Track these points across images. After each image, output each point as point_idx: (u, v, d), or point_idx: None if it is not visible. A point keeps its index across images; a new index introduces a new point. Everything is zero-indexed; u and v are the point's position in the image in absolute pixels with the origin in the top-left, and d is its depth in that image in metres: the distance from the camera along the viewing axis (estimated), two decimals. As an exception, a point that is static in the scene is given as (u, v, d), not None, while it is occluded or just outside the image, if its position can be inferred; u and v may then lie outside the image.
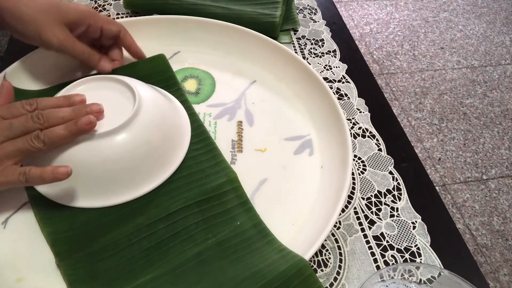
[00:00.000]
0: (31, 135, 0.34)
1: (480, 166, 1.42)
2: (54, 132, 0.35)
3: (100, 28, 0.46)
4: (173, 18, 0.56)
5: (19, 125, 0.35)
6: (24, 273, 0.34)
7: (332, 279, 0.37)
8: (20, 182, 0.34)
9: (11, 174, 0.34)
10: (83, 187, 0.38)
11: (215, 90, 0.52)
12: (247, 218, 0.38)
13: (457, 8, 2.12)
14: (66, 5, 0.43)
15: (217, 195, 0.39)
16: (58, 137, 0.35)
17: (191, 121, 0.46)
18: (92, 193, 0.38)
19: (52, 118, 0.35)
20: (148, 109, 0.40)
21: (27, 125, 0.35)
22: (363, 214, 0.42)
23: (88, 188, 0.38)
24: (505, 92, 1.69)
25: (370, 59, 1.79)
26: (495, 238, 1.23)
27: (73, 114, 0.36)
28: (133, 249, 0.35)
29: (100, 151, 0.37)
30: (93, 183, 0.38)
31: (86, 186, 0.38)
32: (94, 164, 0.37)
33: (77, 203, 0.38)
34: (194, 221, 0.38)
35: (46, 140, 0.34)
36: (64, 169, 0.34)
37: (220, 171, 0.41)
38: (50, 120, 0.35)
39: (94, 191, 0.38)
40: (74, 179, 0.35)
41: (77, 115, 0.36)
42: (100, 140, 0.37)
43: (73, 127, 0.35)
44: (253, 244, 0.37)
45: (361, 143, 0.49)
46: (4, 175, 0.34)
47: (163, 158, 0.41)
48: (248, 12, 0.59)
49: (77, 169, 0.36)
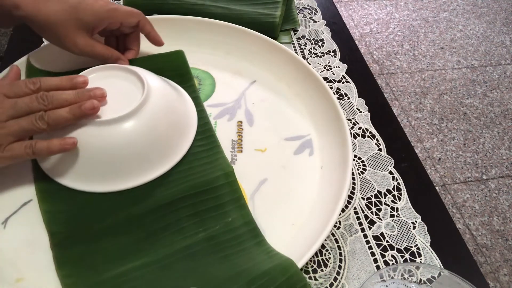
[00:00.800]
0: (36, 116, 0.35)
1: (480, 166, 1.42)
2: (58, 114, 0.36)
3: (120, 22, 0.46)
4: (173, 18, 0.56)
5: (24, 105, 0.35)
6: (24, 273, 0.34)
7: (332, 279, 0.37)
8: (27, 155, 0.35)
9: (18, 148, 0.35)
10: (85, 170, 0.38)
11: (215, 90, 0.52)
12: (239, 215, 0.38)
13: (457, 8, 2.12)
14: (84, 7, 0.42)
15: (211, 189, 0.40)
16: (62, 119, 0.36)
17: (199, 118, 0.46)
18: (93, 177, 0.39)
19: (56, 100, 0.36)
20: (156, 100, 0.40)
21: (31, 105, 0.36)
22: (363, 214, 0.42)
23: (90, 172, 0.39)
24: (505, 92, 1.69)
25: (370, 59, 1.79)
26: (495, 238, 1.23)
27: (76, 97, 0.37)
28: (124, 237, 0.36)
29: (105, 137, 0.38)
30: (95, 168, 0.38)
31: (88, 170, 0.38)
32: (98, 149, 0.38)
33: (76, 185, 0.39)
34: (186, 214, 0.38)
35: (50, 121, 0.35)
36: (71, 140, 0.36)
37: (217, 165, 0.42)
38: (55, 102, 0.36)
39: (95, 175, 0.39)
40: (77, 161, 0.37)
41: (81, 98, 0.37)
42: (106, 127, 0.37)
43: (77, 111, 0.36)
44: (242, 244, 0.37)
45: (361, 143, 0.49)
46: (10, 149, 0.35)
47: (166, 151, 0.41)
48: (248, 12, 0.59)
49: (82, 153, 0.37)
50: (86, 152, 0.38)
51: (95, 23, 0.44)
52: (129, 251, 0.35)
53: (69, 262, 0.34)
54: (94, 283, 0.33)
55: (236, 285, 0.33)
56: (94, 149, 0.38)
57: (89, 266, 0.34)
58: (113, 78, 0.42)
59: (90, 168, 0.38)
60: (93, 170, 0.39)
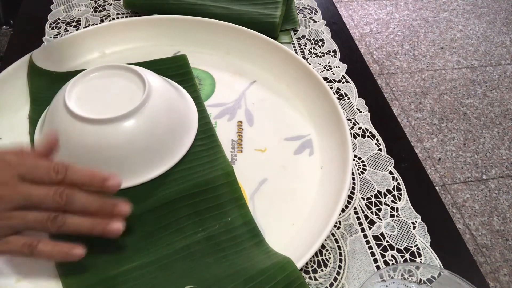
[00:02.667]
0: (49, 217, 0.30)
1: (480, 166, 1.42)
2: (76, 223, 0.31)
3: None
4: (173, 18, 0.56)
5: (37, 198, 0.30)
6: (24, 273, 0.34)
7: (332, 279, 0.37)
8: (23, 254, 0.31)
9: (14, 244, 0.30)
10: None
11: (215, 90, 0.52)
12: (238, 214, 0.38)
13: (457, 8, 2.12)
14: None
15: (211, 188, 0.39)
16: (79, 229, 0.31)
17: (200, 118, 0.46)
18: None
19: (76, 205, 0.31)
20: (156, 99, 0.41)
21: (45, 200, 0.31)
22: (363, 214, 0.42)
23: None
24: (505, 92, 1.69)
25: (370, 59, 1.79)
26: (495, 238, 1.23)
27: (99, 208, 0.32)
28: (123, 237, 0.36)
29: (105, 136, 0.38)
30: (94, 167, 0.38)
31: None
32: (98, 148, 0.38)
33: None
34: (186, 213, 0.38)
35: (64, 228, 0.31)
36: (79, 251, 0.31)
37: (218, 164, 0.42)
38: (74, 206, 0.31)
39: None
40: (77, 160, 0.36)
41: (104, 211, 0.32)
42: (106, 125, 0.37)
43: (99, 228, 0.32)
44: (242, 244, 0.37)
45: (361, 143, 0.49)
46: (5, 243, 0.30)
47: (166, 150, 0.41)
48: (248, 12, 0.59)
49: (82, 151, 0.37)
50: (86, 150, 0.38)
51: None
52: (129, 251, 0.35)
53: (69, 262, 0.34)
54: (94, 283, 0.33)
55: (234, 283, 0.33)
56: (94, 147, 0.38)
57: (89, 266, 0.34)
58: (114, 77, 0.42)
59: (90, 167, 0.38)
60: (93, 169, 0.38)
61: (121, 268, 0.34)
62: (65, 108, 0.39)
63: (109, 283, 0.33)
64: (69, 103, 0.39)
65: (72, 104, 0.39)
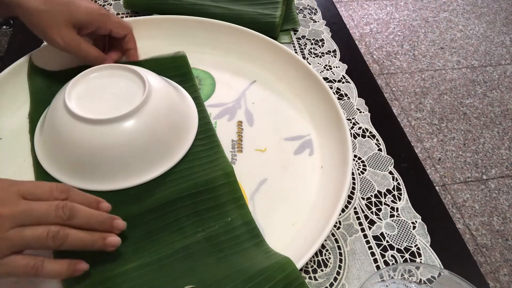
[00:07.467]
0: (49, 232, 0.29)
1: (480, 166, 1.42)
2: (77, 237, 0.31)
3: (109, 30, 0.46)
4: (173, 18, 0.56)
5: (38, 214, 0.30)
6: (24, 273, 0.34)
7: (332, 279, 0.37)
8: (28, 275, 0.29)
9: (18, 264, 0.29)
10: (84, 169, 0.39)
11: (215, 90, 0.52)
12: (238, 215, 0.38)
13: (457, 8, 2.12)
14: (77, 4, 0.42)
15: (211, 188, 0.39)
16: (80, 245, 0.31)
17: (200, 118, 0.46)
18: (92, 176, 0.39)
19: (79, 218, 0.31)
20: (157, 99, 0.41)
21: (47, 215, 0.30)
22: (363, 214, 0.42)
23: (89, 171, 0.39)
24: (505, 92, 1.69)
25: (370, 59, 1.79)
26: (495, 238, 1.23)
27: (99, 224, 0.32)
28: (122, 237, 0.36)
29: (105, 136, 0.38)
30: (95, 167, 0.38)
31: (88, 168, 0.39)
32: (98, 148, 0.38)
33: (76, 184, 0.39)
34: (185, 214, 0.38)
35: (65, 245, 0.30)
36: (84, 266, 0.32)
37: (217, 165, 0.42)
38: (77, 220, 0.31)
39: (95, 174, 0.39)
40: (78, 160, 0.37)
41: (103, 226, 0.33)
42: (106, 125, 0.38)
43: (100, 243, 0.32)
44: (241, 244, 0.37)
45: (361, 143, 0.49)
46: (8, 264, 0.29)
47: (166, 150, 0.41)
48: (248, 12, 0.59)
49: (82, 151, 0.37)
50: (86, 150, 0.38)
51: (85, 22, 0.43)
52: (129, 251, 0.35)
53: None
54: (94, 283, 0.33)
55: (234, 283, 0.33)
56: (94, 147, 0.38)
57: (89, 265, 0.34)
58: (114, 77, 0.42)
59: (90, 167, 0.39)
60: (93, 169, 0.39)
61: (121, 268, 0.34)
62: (65, 108, 0.39)
63: (109, 283, 0.33)
64: (69, 103, 0.39)
65: (72, 104, 0.39)
